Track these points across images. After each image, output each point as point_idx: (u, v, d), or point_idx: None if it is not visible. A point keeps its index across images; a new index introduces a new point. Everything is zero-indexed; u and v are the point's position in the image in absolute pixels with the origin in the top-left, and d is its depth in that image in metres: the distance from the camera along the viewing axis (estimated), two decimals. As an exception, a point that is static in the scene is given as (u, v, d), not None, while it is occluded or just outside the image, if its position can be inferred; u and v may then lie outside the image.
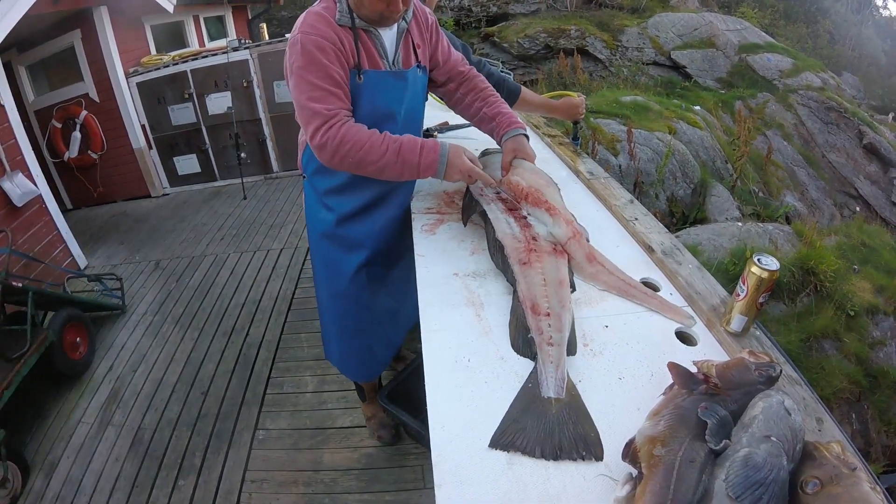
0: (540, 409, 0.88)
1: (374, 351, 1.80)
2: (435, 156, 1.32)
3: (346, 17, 1.32)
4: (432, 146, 1.33)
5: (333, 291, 1.70)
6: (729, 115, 7.59)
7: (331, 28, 1.30)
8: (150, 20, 5.91)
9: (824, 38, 12.37)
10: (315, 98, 1.27)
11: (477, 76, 1.66)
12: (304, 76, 1.27)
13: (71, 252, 4.37)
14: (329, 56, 1.28)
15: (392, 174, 1.33)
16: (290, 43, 1.32)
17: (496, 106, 1.61)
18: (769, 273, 0.94)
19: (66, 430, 2.62)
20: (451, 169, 1.34)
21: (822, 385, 3.11)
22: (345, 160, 1.30)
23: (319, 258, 1.71)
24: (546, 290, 1.10)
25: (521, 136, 1.53)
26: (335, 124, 1.27)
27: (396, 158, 1.29)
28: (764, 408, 0.70)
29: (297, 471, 2.19)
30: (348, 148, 1.27)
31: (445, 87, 1.66)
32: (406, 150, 1.30)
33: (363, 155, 1.28)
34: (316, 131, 1.28)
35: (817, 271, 3.65)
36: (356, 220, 1.58)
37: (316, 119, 1.27)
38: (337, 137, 1.26)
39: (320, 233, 1.64)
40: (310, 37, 1.27)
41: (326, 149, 1.28)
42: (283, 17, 11.76)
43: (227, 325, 3.29)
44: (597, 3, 10.52)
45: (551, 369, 0.94)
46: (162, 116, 5.66)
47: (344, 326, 1.75)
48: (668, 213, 5.21)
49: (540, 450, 0.82)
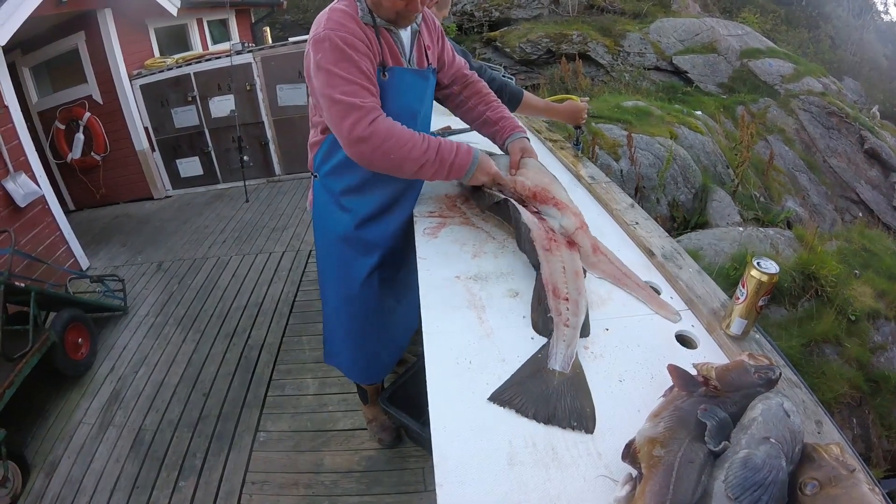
0: (543, 377, 0.94)
1: (381, 353, 1.80)
2: (469, 157, 1.35)
3: (368, 16, 1.33)
4: (466, 148, 1.36)
5: (345, 294, 1.68)
6: (730, 120, 7.59)
7: (357, 24, 1.30)
8: (153, 23, 5.95)
9: (825, 43, 12.38)
10: (348, 92, 1.24)
11: (479, 81, 1.69)
12: (334, 71, 1.25)
13: (73, 253, 4.38)
14: (359, 51, 1.27)
15: (426, 173, 1.33)
16: (314, 40, 1.29)
17: (499, 111, 1.64)
18: (769, 276, 0.95)
19: (67, 431, 2.63)
20: (479, 171, 1.38)
21: (824, 390, 3.10)
22: (387, 155, 1.26)
23: (332, 261, 1.69)
24: (566, 278, 1.17)
25: (525, 139, 1.58)
26: (378, 117, 1.25)
27: (436, 157, 1.30)
28: (763, 410, 0.71)
29: (298, 473, 2.19)
30: (393, 143, 1.25)
31: (449, 90, 1.68)
32: (445, 149, 1.32)
33: (406, 152, 1.26)
34: (356, 123, 1.23)
35: (818, 276, 3.65)
36: (374, 223, 1.58)
37: (354, 112, 1.23)
38: (382, 131, 1.24)
39: (337, 235, 1.62)
40: (338, 33, 1.26)
41: (369, 142, 1.24)
42: (286, 21, 11.82)
43: (229, 327, 3.30)
44: (598, 9, 10.55)
45: (563, 347, 1.00)
46: (165, 119, 5.68)
47: (353, 329, 1.74)
48: (669, 218, 5.21)
49: (534, 412, 0.88)
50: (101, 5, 5.01)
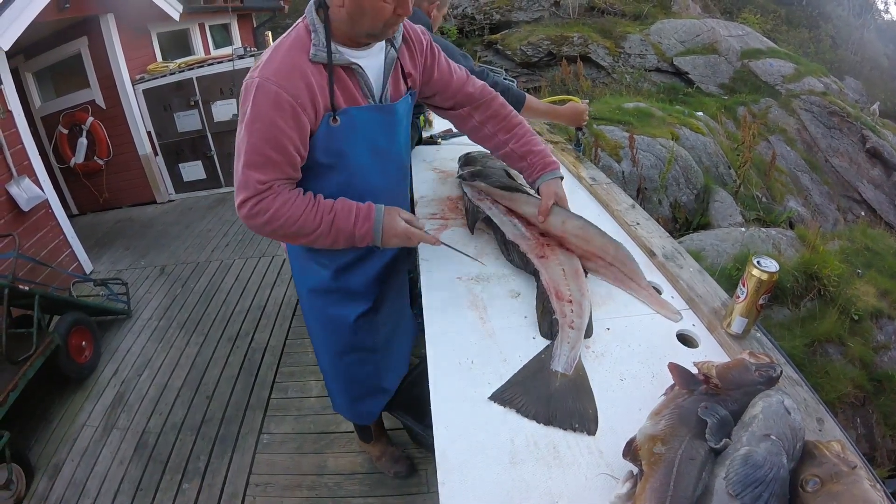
0: (545, 378, 0.95)
1: (382, 387, 1.71)
2: (370, 224, 1.20)
3: (323, 53, 1.13)
4: (366, 214, 1.21)
5: (337, 349, 1.58)
6: (731, 120, 7.59)
7: (297, 73, 1.11)
8: (155, 28, 5.97)
9: (826, 43, 12.39)
10: (253, 164, 1.12)
11: (495, 99, 1.46)
12: (248, 136, 1.12)
13: (77, 257, 4.40)
14: (284, 115, 1.10)
15: (322, 244, 1.22)
16: (246, 83, 1.13)
17: (526, 142, 1.43)
18: (768, 275, 0.95)
19: (71, 433, 2.64)
20: (387, 235, 1.22)
21: (827, 390, 3.09)
22: (275, 233, 1.19)
23: (315, 316, 1.57)
24: (566, 280, 1.18)
25: (559, 179, 1.40)
26: (266, 197, 1.14)
27: (330, 230, 1.19)
28: (764, 407, 0.71)
29: (302, 475, 2.20)
30: (282, 222, 1.16)
31: (456, 112, 1.47)
32: (340, 219, 1.19)
33: (296, 229, 1.17)
34: (244, 203, 1.15)
35: (821, 276, 3.65)
36: (354, 270, 1.45)
37: (245, 190, 1.14)
38: (270, 211, 1.14)
39: (313, 288, 1.50)
40: (269, 86, 1.09)
41: (256, 220, 1.16)
42: (288, 26, 11.81)
43: (232, 330, 3.31)
44: (599, 11, 10.56)
45: (566, 349, 1.00)
46: (168, 123, 5.70)
47: (352, 377, 1.65)
48: (671, 219, 5.21)
49: (534, 413, 0.88)
50: (103, 10, 5.04)
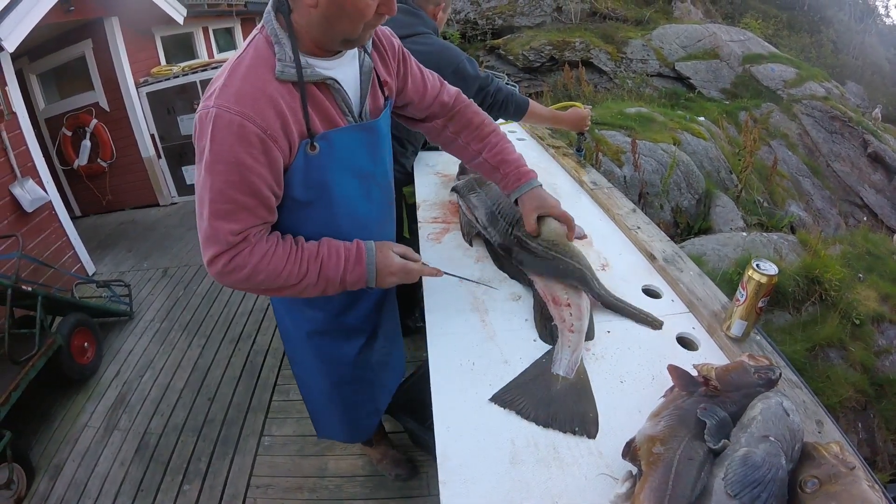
0: (546, 381, 0.95)
1: (379, 407, 1.63)
2: (361, 269, 1.06)
3: (291, 69, 0.94)
4: (356, 258, 1.06)
5: (334, 380, 1.47)
6: (733, 125, 7.60)
7: (263, 96, 0.91)
8: (160, 31, 6.01)
9: (827, 48, 12.40)
10: (220, 213, 0.93)
11: (468, 108, 1.33)
12: (210, 180, 0.92)
13: (79, 258, 4.42)
14: (252, 150, 0.91)
15: (311, 294, 1.07)
16: (199, 114, 0.94)
17: (499, 151, 1.29)
18: (768, 278, 0.96)
19: (73, 434, 2.64)
20: (381, 276, 1.08)
21: (828, 394, 3.08)
22: (257, 289, 1.04)
23: (311, 356, 1.43)
24: (563, 284, 1.16)
25: (538, 190, 1.27)
26: (242, 251, 0.97)
27: (318, 279, 1.04)
28: (763, 409, 0.71)
29: (303, 477, 2.20)
30: (262, 277, 0.99)
31: (430, 125, 1.34)
32: (328, 267, 1.04)
33: (280, 282, 1.01)
34: (215, 259, 0.96)
35: (822, 280, 3.64)
36: (352, 307, 1.33)
37: (216, 245, 0.95)
38: (245, 268, 0.97)
39: (310, 331, 1.36)
40: (230, 115, 0.89)
41: (230, 279, 0.99)
42: (291, 29, 11.86)
43: (234, 332, 3.31)
44: (601, 16, 10.61)
45: (567, 352, 1.00)
46: (171, 126, 5.73)
47: (351, 405, 1.56)
48: (673, 224, 5.21)
49: (534, 415, 0.88)
50: (108, 13, 5.08)
